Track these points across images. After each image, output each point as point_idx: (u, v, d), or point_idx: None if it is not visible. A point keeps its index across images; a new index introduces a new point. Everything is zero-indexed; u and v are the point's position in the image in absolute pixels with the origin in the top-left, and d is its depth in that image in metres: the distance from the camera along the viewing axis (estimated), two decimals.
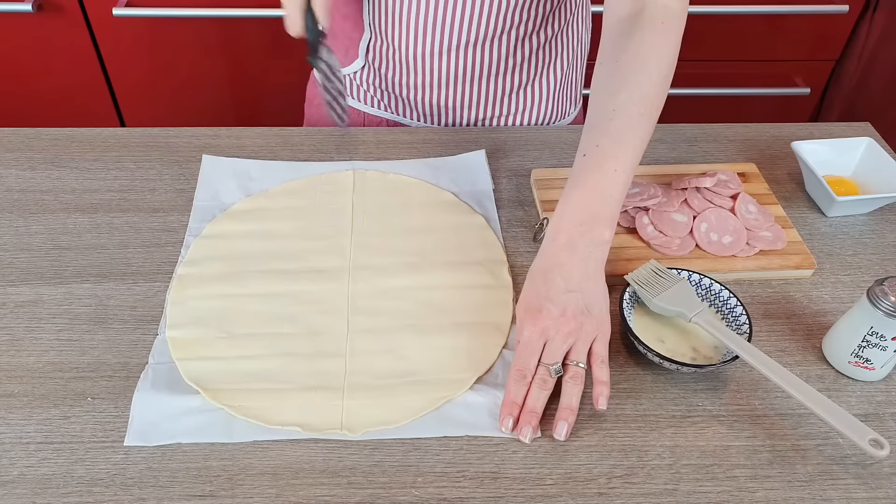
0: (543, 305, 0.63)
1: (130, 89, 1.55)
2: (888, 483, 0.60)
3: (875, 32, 1.52)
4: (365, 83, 0.98)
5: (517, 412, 0.61)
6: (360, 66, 0.96)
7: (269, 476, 0.58)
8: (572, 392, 0.61)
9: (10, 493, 0.57)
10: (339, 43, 0.96)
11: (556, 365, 0.62)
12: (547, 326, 0.63)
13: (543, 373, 0.62)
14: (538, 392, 0.61)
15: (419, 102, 0.96)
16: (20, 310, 0.70)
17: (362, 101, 1.00)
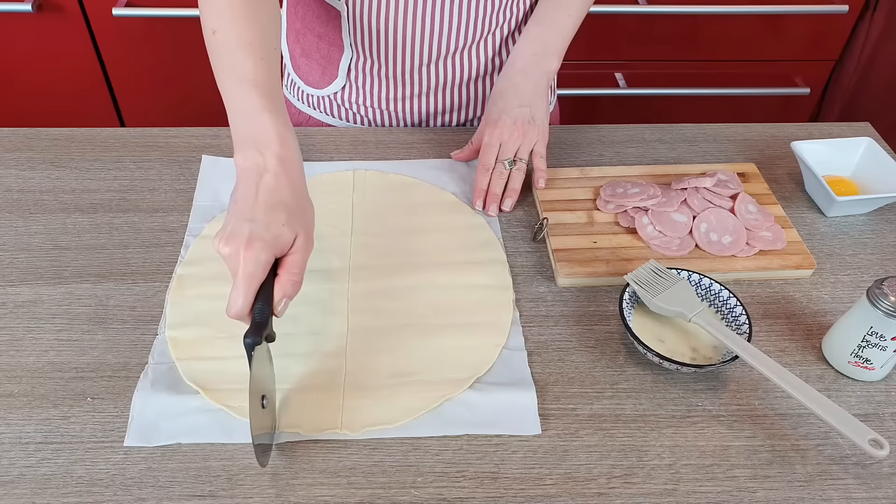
0: (500, 117, 0.82)
1: (130, 89, 1.55)
2: (888, 483, 0.60)
3: (875, 32, 1.52)
4: (347, 102, 0.96)
5: (484, 195, 0.82)
6: (341, 87, 0.94)
7: (268, 476, 0.58)
8: (517, 178, 0.83)
9: (9, 493, 0.57)
10: (315, 63, 0.95)
11: (509, 160, 0.82)
12: (502, 132, 0.82)
13: (499, 167, 0.82)
14: (497, 180, 0.82)
15: (406, 113, 0.96)
16: (20, 310, 0.70)
17: (343, 119, 0.98)
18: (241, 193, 0.61)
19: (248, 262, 0.57)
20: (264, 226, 0.58)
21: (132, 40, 1.47)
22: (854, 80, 1.59)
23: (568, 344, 0.69)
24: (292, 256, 0.60)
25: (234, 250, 0.57)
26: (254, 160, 0.61)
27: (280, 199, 0.60)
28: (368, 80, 0.93)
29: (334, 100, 0.97)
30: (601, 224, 0.80)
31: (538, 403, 0.64)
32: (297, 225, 0.61)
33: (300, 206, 0.62)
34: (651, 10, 1.47)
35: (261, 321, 0.57)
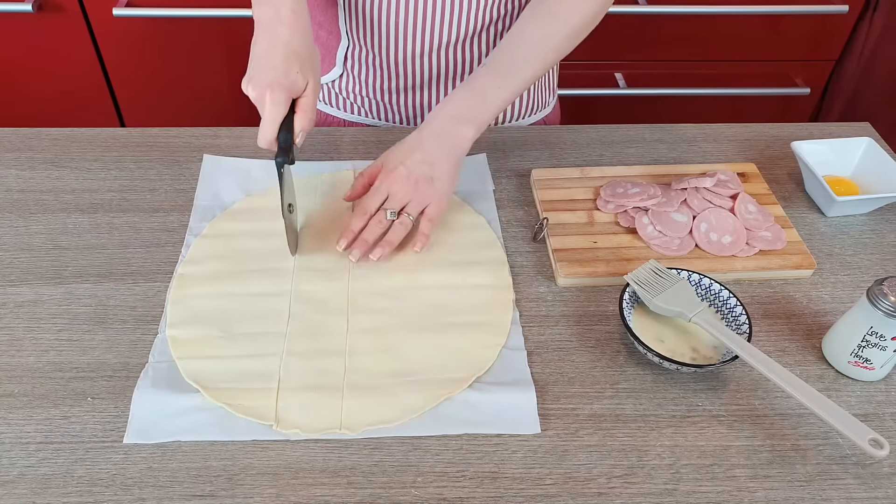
0: (398, 166, 0.76)
1: (130, 89, 1.55)
2: (888, 483, 0.60)
3: (875, 32, 1.52)
4: (344, 91, 0.97)
5: (352, 238, 0.75)
6: (339, 75, 0.95)
7: (269, 476, 0.58)
8: (397, 231, 0.75)
9: (10, 493, 0.57)
10: None
11: (392, 211, 0.75)
12: (393, 182, 0.75)
13: (381, 214, 0.75)
14: (373, 227, 0.75)
15: (401, 105, 0.96)
16: (20, 310, 0.70)
17: (341, 108, 0.99)
18: (262, 44, 0.71)
19: (272, 102, 0.68)
20: (283, 73, 0.69)
21: (132, 40, 1.47)
22: (854, 80, 1.59)
23: (568, 344, 0.69)
24: (305, 98, 0.71)
25: (259, 94, 0.69)
26: (269, 15, 0.72)
27: (294, 50, 0.70)
28: (364, 70, 0.93)
29: (332, 88, 0.97)
30: (601, 224, 0.80)
31: (538, 403, 0.64)
32: (309, 72, 0.71)
33: (310, 56, 0.72)
34: (651, 10, 1.47)
35: (285, 146, 0.70)
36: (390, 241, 0.74)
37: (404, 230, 0.75)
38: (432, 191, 0.75)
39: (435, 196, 0.75)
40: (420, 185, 0.74)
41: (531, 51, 0.79)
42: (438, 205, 0.75)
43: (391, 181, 0.75)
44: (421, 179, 0.74)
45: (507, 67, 0.78)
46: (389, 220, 0.75)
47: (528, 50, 0.79)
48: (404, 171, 0.75)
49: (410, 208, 0.75)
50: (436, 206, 0.75)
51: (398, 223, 0.75)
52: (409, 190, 0.74)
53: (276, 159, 0.71)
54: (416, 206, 0.75)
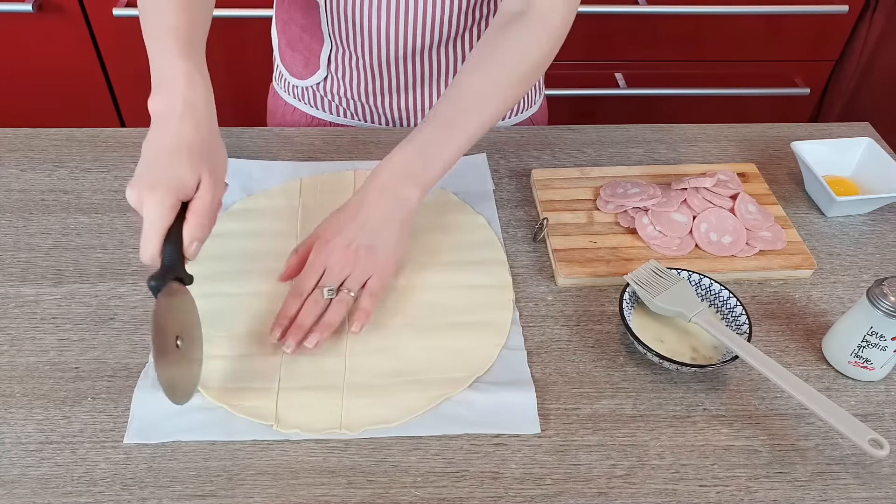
0: (334, 236, 0.68)
1: (130, 89, 1.55)
2: (888, 483, 0.60)
3: (875, 32, 1.52)
4: (329, 93, 0.96)
5: (287, 325, 0.66)
6: (323, 77, 0.95)
7: (269, 476, 0.58)
8: (335, 311, 0.67)
9: (10, 493, 0.57)
10: (298, 54, 0.95)
11: (330, 287, 0.67)
12: (329, 255, 0.68)
13: (317, 293, 0.67)
14: (309, 309, 0.66)
15: (386, 108, 0.95)
16: (20, 310, 0.70)
17: (327, 110, 0.98)
18: (149, 140, 0.62)
19: (152, 205, 0.58)
20: (166, 170, 0.59)
21: (132, 40, 1.46)
22: (854, 80, 1.59)
23: (568, 344, 0.69)
24: (198, 200, 0.61)
25: (137, 196, 0.59)
26: (164, 105, 0.63)
27: (182, 143, 0.61)
28: (348, 73, 0.92)
29: (317, 91, 0.97)
30: (601, 224, 0.80)
31: (538, 403, 0.64)
32: (201, 168, 0.61)
33: (205, 149, 0.62)
34: (651, 10, 1.47)
35: (169, 264, 0.58)
36: (328, 324, 0.66)
37: (344, 308, 0.67)
38: (374, 260, 0.68)
39: (377, 266, 0.68)
40: (360, 255, 0.67)
41: (478, 101, 0.72)
42: (382, 276, 0.68)
43: (327, 254, 0.68)
44: (361, 249, 0.67)
45: (451, 121, 0.71)
46: (327, 300, 0.67)
47: (474, 100, 0.72)
48: (342, 242, 0.68)
49: (350, 283, 0.67)
50: (378, 278, 0.68)
51: (336, 301, 0.67)
52: (348, 262, 0.67)
53: (150, 283, 0.58)
54: (356, 279, 0.67)
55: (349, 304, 0.67)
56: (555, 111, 1.64)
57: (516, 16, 0.75)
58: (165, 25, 0.66)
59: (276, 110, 1.04)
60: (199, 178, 0.61)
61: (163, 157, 0.60)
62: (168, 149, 0.60)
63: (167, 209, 0.59)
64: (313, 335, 0.65)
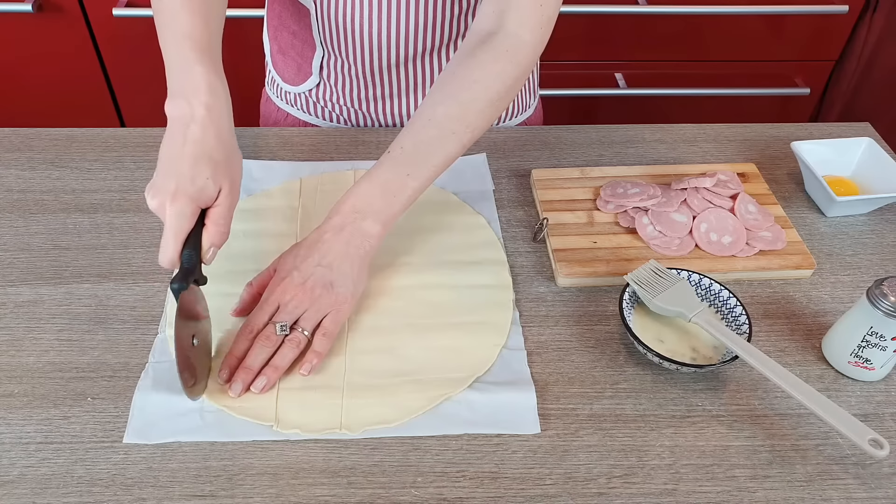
0: (290, 272, 0.66)
1: (130, 89, 1.55)
2: (888, 483, 0.60)
3: (875, 32, 1.52)
4: (322, 100, 0.96)
5: (235, 365, 0.63)
6: (315, 84, 0.94)
7: (269, 476, 0.58)
8: (286, 353, 0.64)
9: (10, 493, 0.57)
10: (291, 60, 0.95)
11: (283, 324, 0.64)
12: (285, 290, 0.65)
13: (269, 329, 0.64)
14: (259, 349, 0.63)
15: (378, 114, 0.95)
16: (20, 310, 0.70)
17: (319, 116, 0.98)
18: (169, 145, 0.63)
19: (174, 215, 0.60)
20: (189, 179, 0.61)
21: (132, 40, 1.47)
22: (854, 80, 1.59)
23: (568, 344, 0.69)
24: (218, 208, 0.63)
25: (160, 204, 0.60)
26: (182, 110, 0.63)
27: (205, 152, 0.62)
28: (340, 79, 0.92)
29: (310, 97, 0.97)
30: (601, 224, 0.80)
31: (538, 403, 0.64)
32: (222, 177, 0.63)
33: (226, 158, 0.64)
34: (651, 10, 1.47)
35: (188, 267, 0.61)
36: (276, 366, 0.63)
37: (296, 350, 0.64)
38: (331, 298, 0.65)
39: (334, 304, 0.65)
40: (316, 292, 0.65)
41: (442, 134, 0.69)
42: (337, 315, 0.66)
43: (282, 290, 0.65)
44: (318, 286, 0.65)
45: (416, 154, 0.69)
46: (280, 336, 0.64)
47: (438, 133, 0.69)
48: (298, 278, 0.65)
49: (305, 321, 0.64)
50: (334, 317, 0.65)
51: (289, 341, 0.64)
52: (304, 299, 0.65)
53: (172, 285, 0.59)
54: (311, 317, 0.65)
55: (301, 344, 0.64)
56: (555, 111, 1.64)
57: (486, 37, 0.71)
58: (182, 30, 0.65)
59: (269, 115, 1.03)
60: (220, 187, 0.63)
61: (186, 166, 0.61)
62: (191, 156, 0.61)
63: (188, 217, 0.61)
64: (260, 378, 0.62)
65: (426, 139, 0.70)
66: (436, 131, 0.69)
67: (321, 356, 0.64)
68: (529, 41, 0.72)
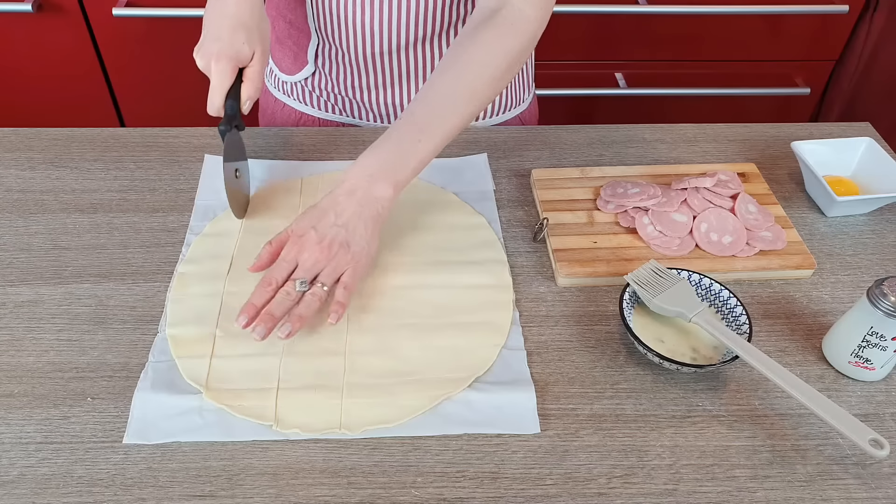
0: (308, 231, 0.69)
1: (130, 89, 1.55)
2: (888, 483, 0.60)
3: (875, 32, 1.52)
4: (317, 89, 0.96)
5: (254, 313, 0.65)
6: (311, 73, 0.95)
7: (269, 476, 0.58)
8: (309, 302, 0.66)
9: (9, 493, 0.57)
10: (287, 49, 0.95)
11: (303, 281, 0.67)
12: (303, 248, 0.68)
13: (289, 285, 0.67)
14: (281, 299, 0.66)
15: (374, 103, 0.95)
16: (20, 310, 0.70)
17: (315, 106, 0.99)
18: (210, 16, 0.76)
19: (218, 73, 0.74)
20: (228, 44, 0.74)
21: (132, 40, 1.47)
22: (854, 80, 1.59)
23: (568, 344, 0.69)
24: (252, 67, 0.76)
25: (206, 63, 0.75)
26: None
27: (241, 21, 0.75)
28: (335, 67, 0.93)
29: (305, 86, 0.97)
30: (601, 224, 0.80)
31: (538, 403, 0.64)
32: (256, 42, 0.76)
33: (258, 26, 0.76)
34: (651, 10, 1.47)
35: (231, 114, 0.75)
36: (301, 315, 0.65)
37: (317, 302, 0.67)
38: (347, 256, 0.68)
39: (351, 261, 0.68)
40: (333, 249, 0.68)
41: (451, 103, 0.73)
42: (355, 271, 0.68)
43: (300, 248, 0.68)
44: (335, 244, 0.68)
45: (426, 120, 0.72)
46: (299, 293, 0.67)
47: (447, 102, 0.73)
48: (315, 237, 0.68)
49: (324, 277, 0.67)
50: (352, 273, 0.68)
51: (309, 294, 0.67)
52: (321, 257, 0.67)
53: (220, 127, 0.75)
54: (329, 274, 0.67)
55: (322, 298, 0.67)
56: (554, 111, 1.64)
57: (491, 13, 0.75)
58: None
59: (267, 107, 1.04)
60: (254, 50, 0.75)
61: (226, 33, 0.74)
62: (230, 26, 0.74)
63: (229, 74, 0.74)
64: (285, 325, 0.65)
65: (436, 107, 0.73)
66: (445, 100, 0.73)
67: (345, 306, 0.67)
68: (533, 16, 0.76)
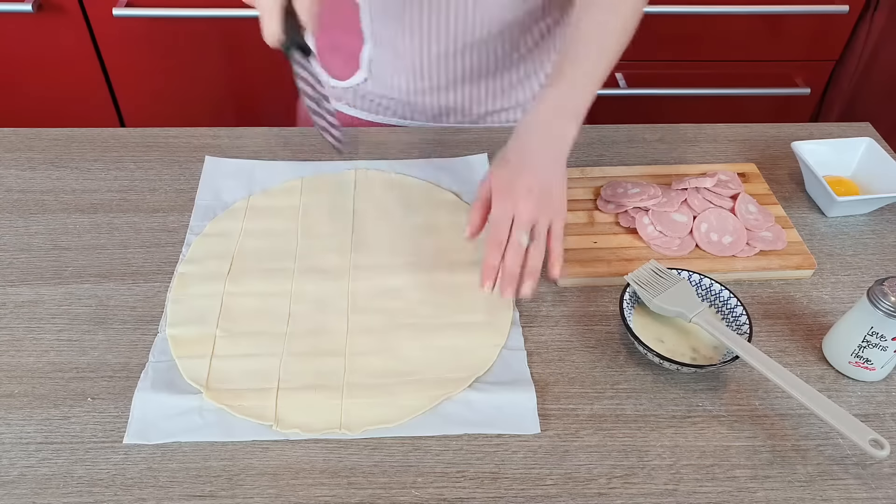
0: (513, 185, 0.69)
1: (130, 89, 1.55)
2: (888, 483, 0.60)
3: (875, 32, 1.52)
4: (368, 93, 0.97)
5: (495, 276, 0.67)
6: (363, 78, 0.95)
7: (269, 476, 0.58)
8: (536, 256, 0.68)
9: (9, 493, 0.57)
10: (340, 55, 0.96)
11: (525, 234, 0.68)
12: (516, 203, 0.68)
13: (515, 241, 0.68)
14: (514, 257, 0.67)
15: (426, 104, 0.96)
16: (20, 310, 0.70)
17: (367, 109, 0.99)
18: None
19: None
20: None
21: (132, 40, 1.47)
22: (854, 80, 1.59)
23: (568, 344, 0.69)
24: None
25: None
26: None
27: None
28: (388, 71, 0.93)
29: (357, 91, 0.97)
30: (601, 224, 0.80)
31: (538, 404, 0.64)
32: None
33: None
34: (651, 10, 1.47)
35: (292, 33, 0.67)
36: (534, 270, 0.68)
37: (542, 252, 0.68)
38: (553, 203, 0.69)
39: (557, 208, 0.70)
40: (542, 200, 0.69)
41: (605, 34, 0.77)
42: (561, 217, 0.70)
43: (513, 203, 0.68)
44: (542, 193, 0.69)
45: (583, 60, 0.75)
46: (525, 245, 0.68)
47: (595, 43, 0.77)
48: (522, 188, 0.69)
49: (539, 228, 0.69)
50: (560, 221, 0.70)
51: (533, 247, 0.68)
52: (532, 208, 0.68)
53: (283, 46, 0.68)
54: (543, 224, 0.69)
55: (543, 248, 0.69)
56: None
57: None
58: None
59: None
60: None
61: None
62: None
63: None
64: (527, 284, 0.67)
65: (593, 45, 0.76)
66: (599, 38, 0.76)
67: (562, 255, 0.69)
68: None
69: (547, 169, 0.70)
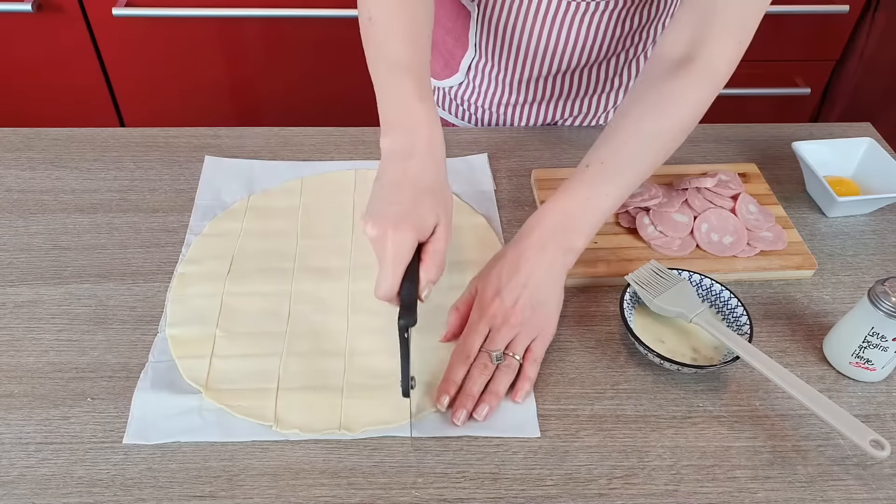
0: (498, 293, 0.65)
1: (130, 89, 1.55)
2: (889, 484, 0.60)
3: (875, 32, 1.52)
4: (460, 98, 0.97)
5: (454, 392, 0.62)
6: (459, 83, 0.95)
7: (269, 476, 0.58)
8: (502, 379, 0.63)
9: (9, 494, 0.57)
10: (439, 55, 0.95)
11: (498, 352, 0.64)
12: (495, 314, 0.65)
13: (485, 358, 0.63)
14: (478, 376, 0.63)
15: (514, 118, 0.96)
16: (20, 310, 0.70)
17: (453, 114, 0.99)
18: (388, 177, 0.62)
19: (396, 243, 0.58)
20: (411, 210, 0.60)
21: (132, 40, 1.47)
22: (855, 80, 1.59)
23: (568, 344, 0.69)
24: (434, 245, 0.61)
25: (381, 232, 0.59)
26: (402, 144, 0.63)
27: (426, 185, 0.62)
28: (486, 82, 0.93)
29: (448, 93, 0.97)
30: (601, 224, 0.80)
31: (539, 404, 0.64)
32: (441, 212, 0.62)
33: (443, 194, 0.63)
34: None
35: (410, 303, 0.58)
36: (496, 393, 0.62)
37: (511, 375, 0.63)
38: (538, 320, 0.65)
39: (542, 326, 0.65)
40: (526, 314, 0.64)
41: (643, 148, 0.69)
42: (545, 337, 0.65)
43: (493, 314, 0.64)
44: (526, 307, 0.64)
45: (614, 167, 0.68)
46: (494, 364, 0.63)
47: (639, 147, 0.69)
48: (508, 300, 0.64)
49: (516, 346, 0.64)
50: (542, 340, 0.65)
51: (504, 366, 0.63)
52: (514, 323, 0.64)
53: (400, 321, 0.58)
54: (522, 342, 0.64)
55: (515, 370, 0.64)
56: None
57: (678, 63, 0.70)
58: (396, 61, 0.65)
59: None
60: (437, 220, 0.61)
61: (407, 197, 0.60)
62: (411, 189, 0.61)
63: (409, 248, 0.59)
64: (482, 406, 0.61)
65: (627, 154, 0.69)
66: (637, 147, 0.69)
67: (532, 381, 0.64)
68: (723, 72, 0.73)
69: (542, 284, 0.65)
